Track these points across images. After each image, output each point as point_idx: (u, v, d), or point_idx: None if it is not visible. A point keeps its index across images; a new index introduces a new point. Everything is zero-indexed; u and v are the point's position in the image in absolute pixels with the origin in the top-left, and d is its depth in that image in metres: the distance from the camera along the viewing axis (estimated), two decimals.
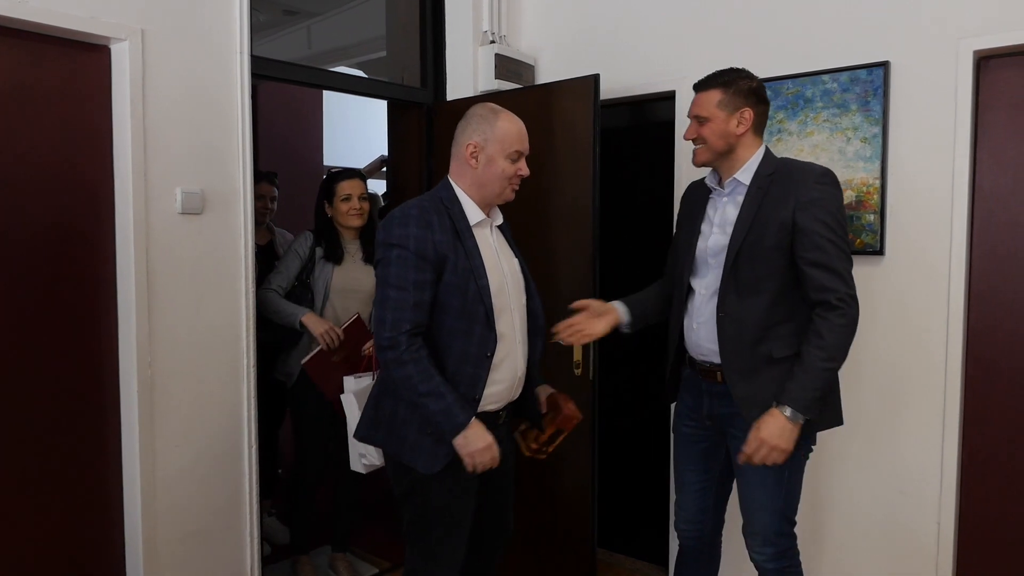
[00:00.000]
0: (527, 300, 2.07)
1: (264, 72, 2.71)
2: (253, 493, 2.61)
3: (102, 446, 2.34)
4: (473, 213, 1.97)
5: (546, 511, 2.97)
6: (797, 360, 1.92)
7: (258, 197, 3.39)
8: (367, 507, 3.16)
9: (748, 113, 2.01)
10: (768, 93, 2.72)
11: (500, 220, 2.08)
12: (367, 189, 2.98)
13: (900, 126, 2.51)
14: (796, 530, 2.10)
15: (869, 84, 2.54)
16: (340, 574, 3.10)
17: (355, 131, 6.28)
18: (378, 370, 2.42)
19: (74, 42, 2.22)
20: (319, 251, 2.91)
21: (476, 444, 1.84)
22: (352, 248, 2.95)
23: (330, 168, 3.00)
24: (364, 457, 2.43)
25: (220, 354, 2.51)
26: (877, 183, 2.54)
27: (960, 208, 2.43)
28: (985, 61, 2.44)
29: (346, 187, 2.91)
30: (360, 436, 2.04)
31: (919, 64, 2.48)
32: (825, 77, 2.62)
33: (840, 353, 1.90)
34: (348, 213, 2.89)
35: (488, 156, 1.96)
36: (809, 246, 1.91)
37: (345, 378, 2.54)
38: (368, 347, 2.72)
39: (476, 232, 1.96)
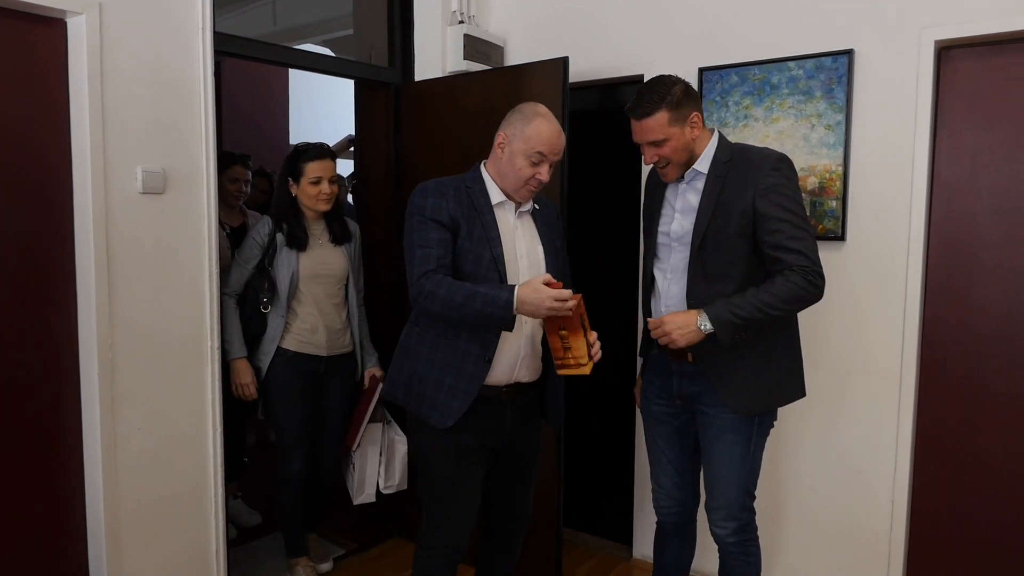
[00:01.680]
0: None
1: (227, 49, 2.66)
2: (218, 476, 2.59)
3: (62, 430, 2.30)
4: (495, 194, 2.07)
5: None
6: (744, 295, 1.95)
7: (232, 180, 3.34)
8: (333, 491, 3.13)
9: (696, 116, 2.04)
10: (735, 79, 2.77)
11: (528, 207, 2.12)
12: (336, 170, 2.84)
13: (863, 114, 2.55)
14: (754, 506, 2.16)
15: (834, 72, 2.57)
16: (310, 554, 3.09)
17: (322, 110, 6.19)
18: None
19: (27, 15, 2.15)
20: (280, 237, 2.75)
21: (536, 295, 1.83)
22: (317, 230, 2.80)
23: (296, 145, 2.87)
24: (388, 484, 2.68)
25: (183, 336, 2.48)
26: (840, 170, 2.58)
27: (919, 196, 2.48)
28: (946, 51, 2.48)
29: (316, 168, 2.73)
30: (386, 394, 2.19)
31: (882, 53, 2.51)
32: (791, 64, 2.65)
33: (783, 305, 1.92)
34: (317, 197, 2.73)
35: (512, 151, 2.03)
36: (771, 230, 1.95)
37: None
38: None
39: (496, 211, 2.06)
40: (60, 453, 2.31)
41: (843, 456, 2.68)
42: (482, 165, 2.12)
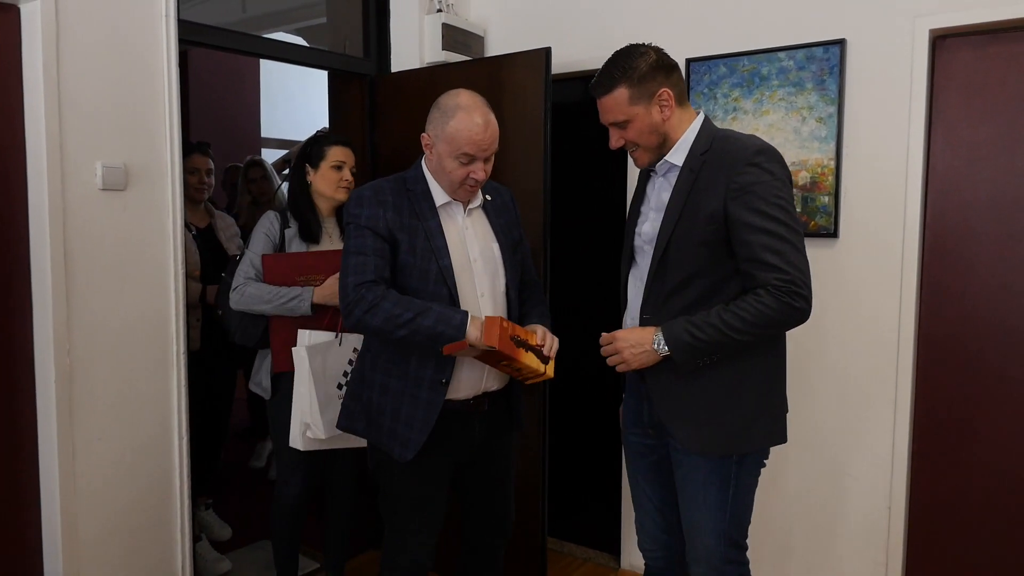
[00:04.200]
0: (505, 286, 2.05)
1: (193, 38, 2.62)
2: (184, 488, 2.54)
3: (16, 442, 2.25)
4: (439, 195, 2.00)
5: None
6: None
7: (191, 171, 3.13)
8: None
9: (665, 93, 1.83)
10: (723, 70, 2.76)
11: (477, 202, 2.06)
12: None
13: (856, 106, 2.55)
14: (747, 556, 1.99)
15: (825, 62, 2.56)
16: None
17: (297, 101, 6.14)
18: (343, 331, 2.40)
19: None
20: (288, 232, 2.58)
21: (478, 330, 1.83)
22: (329, 225, 2.63)
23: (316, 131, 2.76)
24: (309, 429, 2.37)
25: (147, 341, 2.44)
26: (832, 164, 2.58)
27: (914, 190, 2.48)
28: (941, 40, 2.48)
29: (339, 153, 2.58)
30: (342, 426, 2.13)
31: (875, 42, 2.51)
32: (781, 54, 2.64)
33: (750, 329, 1.72)
34: (338, 184, 2.57)
35: (438, 153, 1.95)
36: (743, 240, 1.73)
37: (300, 331, 2.38)
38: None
39: (442, 213, 1.99)
40: (14, 466, 2.26)
41: (837, 460, 2.68)
42: (423, 161, 2.04)
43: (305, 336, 2.39)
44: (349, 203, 2.00)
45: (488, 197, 2.10)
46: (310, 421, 2.36)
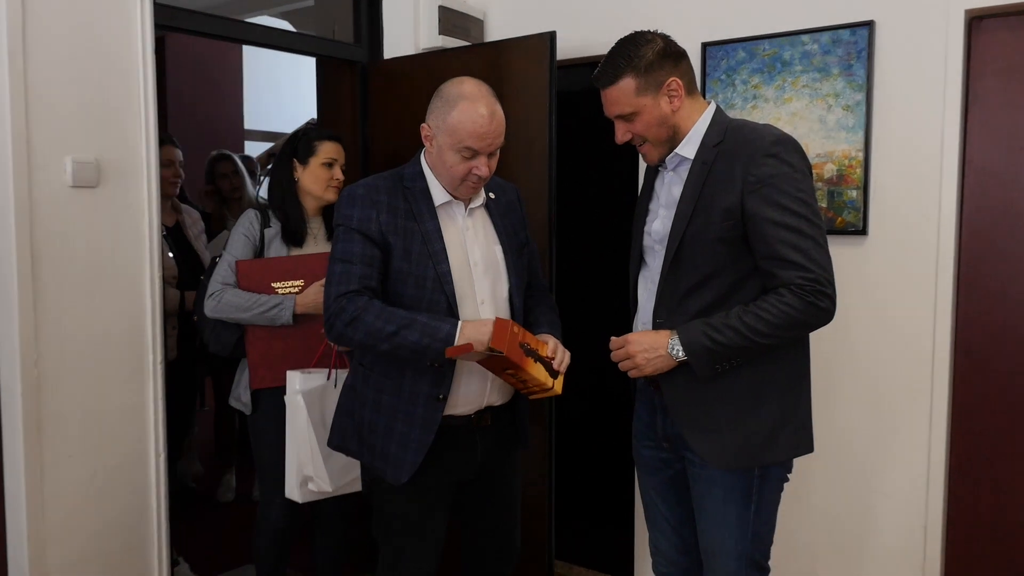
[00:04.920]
0: (508, 291, 2.03)
1: (169, 23, 2.63)
2: (162, 508, 2.55)
3: None
4: (438, 193, 1.98)
5: None
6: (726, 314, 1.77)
7: (166, 164, 3.08)
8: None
9: (674, 82, 1.82)
10: (742, 55, 2.74)
11: (479, 201, 2.04)
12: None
13: (885, 92, 2.53)
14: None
15: (852, 46, 2.55)
16: None
17: (285, 90, 6.14)
18: (337, 367, 2.38)
19: None
20: (269, 232, 2.56)
21: (479, 332, 1.81)
22: (315, 225, 2.62)
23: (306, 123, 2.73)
24: (311, 482, 2.33)
25: (121, 350, 2.44)
26: (860, 155, 2.56)
27: (949, 183, 2.46)
28: (977, 21, 2.46)
29: (331, 149, 2.56)
30: (335, 445, 2.10)
31: (906, 24, 2.49)
32: (805, 38, 2.62)
33: (773, 331, 1.72)
34: (328, 183, 2.55)
35: (439, 146, 1.93)
36: (763, 237, 1.73)
37: (289, 373, 2.36)
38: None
39: (441, 213, 1.97)
40: None
41: (867, 476, 2.66)
42: (422, 156, 2.02)
43: (296, 380, 2.34)
44: (340, 202, 1.97)
45: (492, 195, 2.08)
46: (313, 474, 2.33)
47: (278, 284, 2.45)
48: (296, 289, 2.45)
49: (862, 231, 2.58)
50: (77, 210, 2.32)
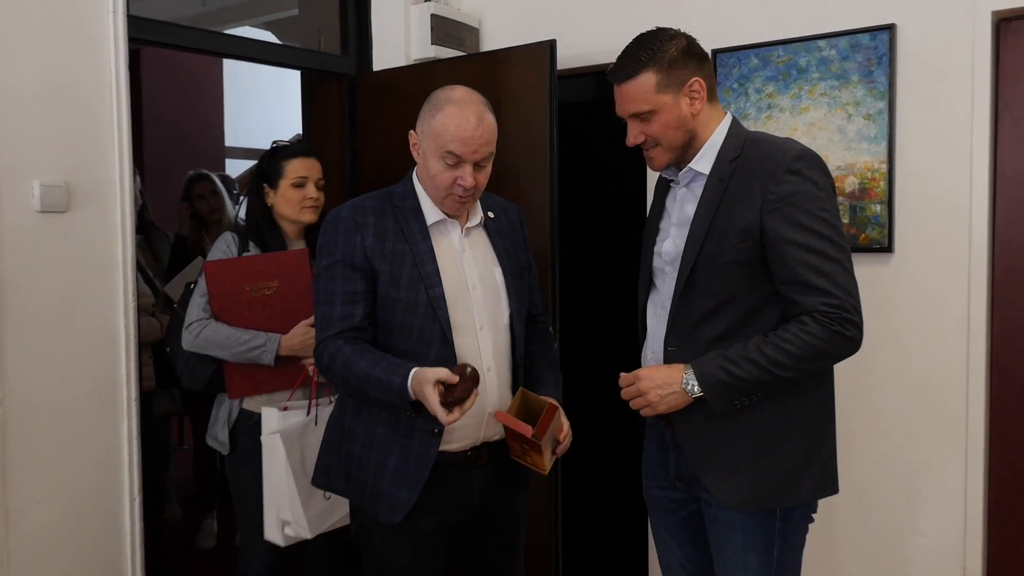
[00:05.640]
0: (509, 318, 2.03)
1: (145, 36, 2.64)
2: (137, 556, 2.52)
3: None
4: (431, 212, 1.98)
5: None
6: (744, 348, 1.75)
7: None
8: None
9: (697, 83, 1.82)
10: (755, 62, 2.75)
11: (477, 220, 2.04)
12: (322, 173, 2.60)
13: (909, 100, 2.54)
14: None
15: (873, 51, 2.56)
16: None
17: (272, 105, 6.17)
18: (317, 400, 2.38)
19: None
20: (253, 251, 2.52)
21: (422, 396, 1.77)
22: (297, 248, 2.57)
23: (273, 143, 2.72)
24: (288, 526, 2.30)
25: (93, 386, 2.43)
26: (884, 168, 2.56)
27: (980, 196, 2.46)
28: (1005, 23, 2.47)
29: (299, 167, 2.51)
30: (319, 483, 2.10)
31: (930, 27, 2.50)
32: (822, 43, 2.63)
33: (796, 364, 1.71)
34: (301, 204, 2.51)
35: (423, 153, 1.94)
36: (785, 259, 1.72)
37: (265, 410, 2.32)
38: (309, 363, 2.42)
39: (435, 233, 1.97)
40: None
41: (899, 515, 2.64)
42: (414, 173, 2.02)
43: (273, 418, 2.31)
44: (324, 226, 1.97)
45: (491, 215, 2.08)
46: (291, 519, 2.30)
47: (251, 286, 2.41)
48: (271, 291, 2.43)
49: (887, 248, 2.58)
50: (45, 236, 2.32)
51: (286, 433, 2.30)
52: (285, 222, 2.56)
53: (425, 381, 1.76)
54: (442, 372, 1.76)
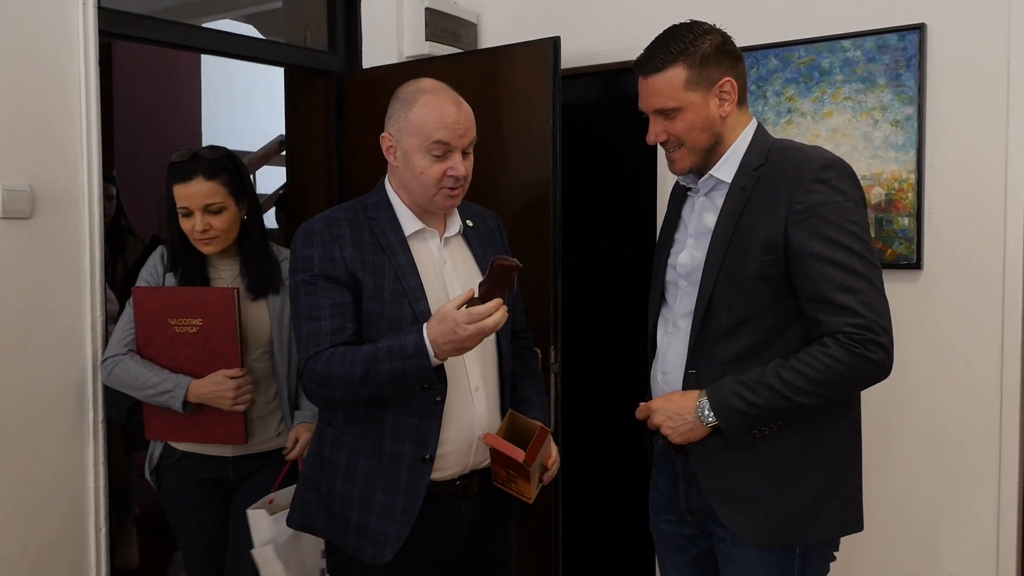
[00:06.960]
0: (496, 335, 2.01)
1: (117, 29, 2.65)
2: None
3: None
4: (408, 222, 1.98)
5: None
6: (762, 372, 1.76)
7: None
8: None
9: (729, 83, 1.83)
10: (774, 63, 2.75)
11: (456, 229, 2.05)
12: (228, 193, 2.34)
13: (939, 105, 2.54)
14: None
15: (901, 52, 2.56)
16: None
17: (250, 102, 6.17)
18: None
19: None
20: (170, 278, 2.42)
21: (443, 326, 1.73)
22: (225, 273, 2.43)
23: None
24: None
25: (56, 407, 2.43)
26: (912, 178, 2.56)
27: (1015, 208, 2.46)
28: None
29: (181, 194, 2.31)
30: (296, 524, 2.07)
31: (962, 26, 2.50)
32: (846, 43, 2.64)
33: (817, 389, 1.70)
34: (191, 235, 2.34)
35: (404, 152, 1.94)
36: (809, 275, 1.72)
37: (251, 513, 2.22)
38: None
39: (414, 244, 1.97)
40: None
41: (928, 551, 2.63)
42: (386, 181, 2.03)
43: (263, 523, 2.21)
44: (296, 240, 1.95)
45: (470, 223, 2.09)
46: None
47: (175, 321, 2.32)
48: (194, 329, 2.34)
49: (916, 264, 2.58)
50: (7, 244, 2.32)
51: (280, 542, 2.20)
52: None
53: (446, 311, 1.73)
54: (460, 297, 1.75)
